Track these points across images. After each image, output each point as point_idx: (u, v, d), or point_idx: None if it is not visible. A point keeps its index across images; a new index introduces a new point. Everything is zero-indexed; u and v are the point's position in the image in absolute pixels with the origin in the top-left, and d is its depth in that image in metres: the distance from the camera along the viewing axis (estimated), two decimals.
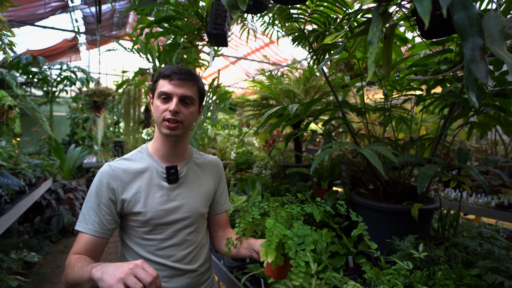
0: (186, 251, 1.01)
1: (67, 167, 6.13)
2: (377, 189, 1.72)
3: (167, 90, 0.95)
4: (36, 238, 3.44)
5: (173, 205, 0.99)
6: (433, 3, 0.63)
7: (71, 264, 0.82)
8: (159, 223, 0.96)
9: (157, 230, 0.97)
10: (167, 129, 0.96)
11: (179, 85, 0.96)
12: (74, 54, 7.67)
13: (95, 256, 0.90)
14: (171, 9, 1.72)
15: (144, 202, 0.95)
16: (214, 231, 1.18)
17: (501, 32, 0.50)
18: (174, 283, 0.99)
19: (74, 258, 0.84)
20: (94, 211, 0.91)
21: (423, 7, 0.47)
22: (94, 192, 0.93)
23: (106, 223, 0.92)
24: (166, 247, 0.98)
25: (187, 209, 1.01)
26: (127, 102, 5.22)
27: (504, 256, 1.05)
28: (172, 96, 0.95)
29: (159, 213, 0.96)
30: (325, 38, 1.39)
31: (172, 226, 0.99)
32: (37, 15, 4.99)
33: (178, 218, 0.99)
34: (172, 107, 0.93)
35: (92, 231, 0.89)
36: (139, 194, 0.95)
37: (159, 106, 0.96)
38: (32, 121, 7.64)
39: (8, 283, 1.96)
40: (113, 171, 0.95)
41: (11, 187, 2.42)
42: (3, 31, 1.42)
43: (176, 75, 0.95)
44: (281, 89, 2.28)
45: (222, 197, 1.18)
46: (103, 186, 0.94)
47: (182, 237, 1.00)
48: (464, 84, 0.56)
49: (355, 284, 0.88)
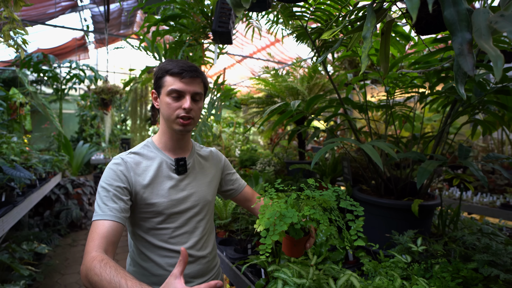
0: (197, 238, 1.05)
1: (75, 163, 6.25)
2: (378, 186, 1.74)
3: (179, 88, 0.97)
4: (46, 231, 3.53)
5: (183, 195, 1.03)
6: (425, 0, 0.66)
7: (94, 269, 0.75)
8: (172, 212, 1.00)
9: (170, 219, 1.01)
10: (181, 125, 0.99)
11: (190, 82, 0.98)
12: (82, 53, 7.80)
13: (113, 245, 0.87)
14: (177, 8, 1.76)
15: (156, 193, 0.99)
16: (248, 206, 1.26)
17: (488, 27, 0.52)
18: (187, 270, 1.03)
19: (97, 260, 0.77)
20: (109, 199, 0.91)
21: (412, 3, 0.49)
22: (108, 183, 0.93)
23: (123, 210, 0.91)
24: (179, 234, 1.02)
25: (196, 198, 1.06)
26: (134, 100, 5.30)
27: (501, 251, 1.06)
28: (185, 94, 0.98)
29: (171, 202, 1.00)
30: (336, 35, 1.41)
31: (184, 214, 1.03)
32: (47, 15, 5.09)
33: (188, 207, 1.04)
34: (187, 105, 0.96)
35: (110, 217, 0.88)
36: (152, 185, 0.99)
37: (171, 104, 0.98)
38: (42, 118, 7.80)
39: (20, 272, 2.04)
40: (125, 163, 0.98)
41: (23, 181, 2.50)
42: (17, 29, 1.48)
43: (187, 73, 0.97)
44: (285, 86, 2.30)
45: (234, 177, 1.25)
46: (117, 176, 0.95)
47: (193, 225, 1.05)
48: (454, 77, 0.59)
49: (351, 274, 0.91)
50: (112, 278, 0.72)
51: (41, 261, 2.93)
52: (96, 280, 0.74)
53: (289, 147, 3.25)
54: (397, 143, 1.76)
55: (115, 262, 0.79)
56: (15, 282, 2.01)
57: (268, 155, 3.23)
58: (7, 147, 2.56)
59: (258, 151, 4.01)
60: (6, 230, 1.94)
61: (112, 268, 0.74)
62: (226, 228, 1.74)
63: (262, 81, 2.56)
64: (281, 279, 0.91)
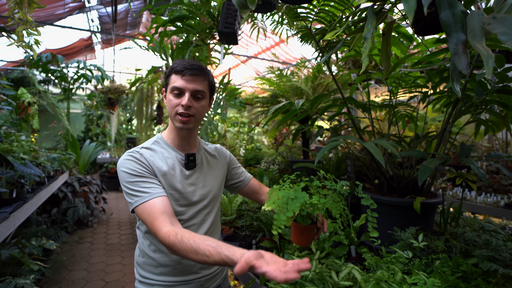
0: (205, 230, 1.10)
1: (82, 162, 6.34)
2: (381, 184, 1.76)
3: (179, 85, 1.01)
4: (53, 228, 3.60)
5: (193, 188, 1.08)
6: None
7: (174, 245, 0.81)
8: (183, 204, 1.05)
9: (181, 211, 1.05)
10: (180, 122, 1.03)
11: (190, 80, 1.02)
12: (89, 53, 7.91)
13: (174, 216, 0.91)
14: (184, 9, 1.81)
15: (169, 184, 1.03)
16: (257, 198, 1.29)
17: (482, 29, 0.55)
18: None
19: (172, 235, 0.82)
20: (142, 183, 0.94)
21: (409, 6, 0.53)
22: (133, 172, 0.96)
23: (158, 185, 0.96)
24: (189, 226, 1.06)
25: (204, 191, 1.10)
26: (140, 100, 5.38)
27: (501, 247, 1.08)
28: (184, 91, 1.01)
29: (182, 195, 1.05)
30: (339, 35, 1.44)
31: (194, 207, 1.07)
32: (56, 16, 5.19)
33: (197, 200, 1.08)
34: (185, 102, 1.00)
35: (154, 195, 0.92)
36: (165, 177, 1.03)
37: (172, 101, 1.02)
38: (49, 118, 7.92)
39: (30, 266, 2.10)
40: (141, 155, 1.02)
41: (33, 178, 2.57)
42: (30, 30, 1.53)
43: (188, 71, 1.01)
44: (289, 86, 2.34)
45: (239, 170, 1.29)
46: (139, 164, 0.98)
47: (202, 217, 1.09)
48: (450, 76, 0.62)
49: (353, 267, 0.94)
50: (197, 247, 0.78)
51: (49, 257, 3.00)
52: (183, 254, 0.80)
53: (293, 147, 3.28)
54: (399, 142, 1.78)
55: (188, 231, 0.84)
56: (25, 276, 2.07)
57: (272, 154, 3.26)
58: (17, 145, 2.63)
59: (263, 150, 4.05)
60: (17, 225, 2.00)
61: (190, 240, 0.80)
62: (231, 224, 1.78)
63: (267, 81, 2.59)
64: None
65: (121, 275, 3.10)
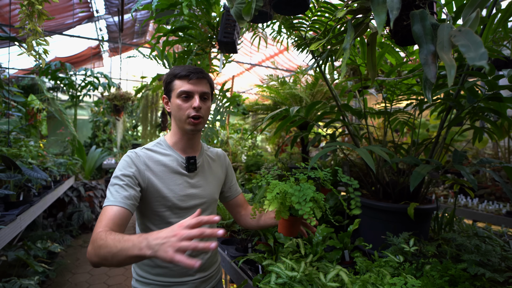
0: None
1: (88, 167, 6.44)
2: (377, 190, 1.78)
3: (187, 89, 1.05)
4: (59, 232, 3.67)
5: (193, 191, 1.11)
6: (401, 14, 0.74)
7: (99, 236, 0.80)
8: (181, 207, 1.08)
9: (179, 214, 1.08)
10: (192, 125, 1.06)
11: (197, 83, 1.07)
12: (97, 61, 8.11)
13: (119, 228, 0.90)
14: (186, 20, 1.88)
15: (167, 187, 1.06)
16: (238, 212, 1.32)
17: (450, 41, 0.60)
18: None
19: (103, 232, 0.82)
20: (120, 187, 0.96)
21: (380, 19, 0.57)
22: (120, 172, 0.99)
23: (131, 198, 0.96)
24: None
25: (204, 195, 1.14)
26: (145, 106, 5.48)
27: (490, 251, 1.10)
28: (194, 94, 1.06)
29: (181, 198, 1.07)
30: (326, 45, 1.49)
31: (192, 210, 1.10)
32: (65, 25, 5.36)
33: (197, 203, 1.11)
34: (196, 104, 1.04)
35: (118, 203, 0.92)
36: (163, 179, 1.06)
37: (182, 105, 1.06)
38: (57, 124, 8.08)
39: (35, 268, 2.15)
40: (139, 157, 1.05)
41: (39, 181, 2.64)
42: (39, 40, 1.62)
43: (194, 75, 1.06)
44: (288, 93, 2.38)
45: (233, 181, 1.32)
46: (129, 166, 1.01)
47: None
48: (422, 84, 0.66)
49: (341, 269, 0.96)
50: (116, 236, 0.78)
51: (54, 259, 3.05)
52: (101, 244, 0.78)
53: (294, 153, 3.31)
54: (395, 147, 1.81)
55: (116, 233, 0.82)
56: (30, 278, 2.12)
57: (273, 160, 3.30)
58: (25, 150, 2.72)
59: (264, 156, 4.09)
60: (23, 227, 2.06)
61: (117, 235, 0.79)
62: (229, 228, 1.81)
63: (267, 89, 2.65)
64: (274, 272, 0.97)
65: (123, 278, 3.14)
